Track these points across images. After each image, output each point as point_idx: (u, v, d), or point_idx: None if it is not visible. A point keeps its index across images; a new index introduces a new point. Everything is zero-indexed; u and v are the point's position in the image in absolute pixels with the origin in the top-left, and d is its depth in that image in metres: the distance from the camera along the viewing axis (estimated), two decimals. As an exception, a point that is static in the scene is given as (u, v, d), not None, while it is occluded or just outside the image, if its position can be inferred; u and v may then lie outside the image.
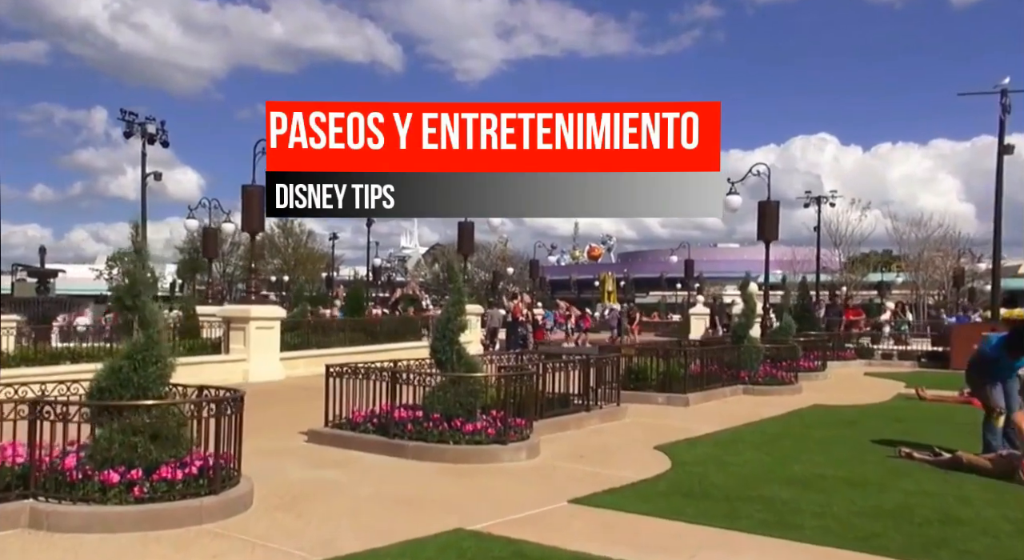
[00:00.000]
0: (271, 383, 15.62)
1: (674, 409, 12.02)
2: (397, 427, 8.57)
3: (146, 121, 22.80)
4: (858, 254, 43.71)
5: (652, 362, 12.81)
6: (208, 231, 23.64)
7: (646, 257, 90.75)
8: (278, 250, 61.77)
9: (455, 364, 8.78)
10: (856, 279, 41.97)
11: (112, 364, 6.43)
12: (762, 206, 17.97)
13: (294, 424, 10.25)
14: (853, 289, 38.03)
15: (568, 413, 10.26)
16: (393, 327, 21.25)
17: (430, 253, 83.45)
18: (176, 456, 6.26)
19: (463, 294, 8.99)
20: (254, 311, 15.97)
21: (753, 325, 14.73)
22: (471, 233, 22.69)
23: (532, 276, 39.95)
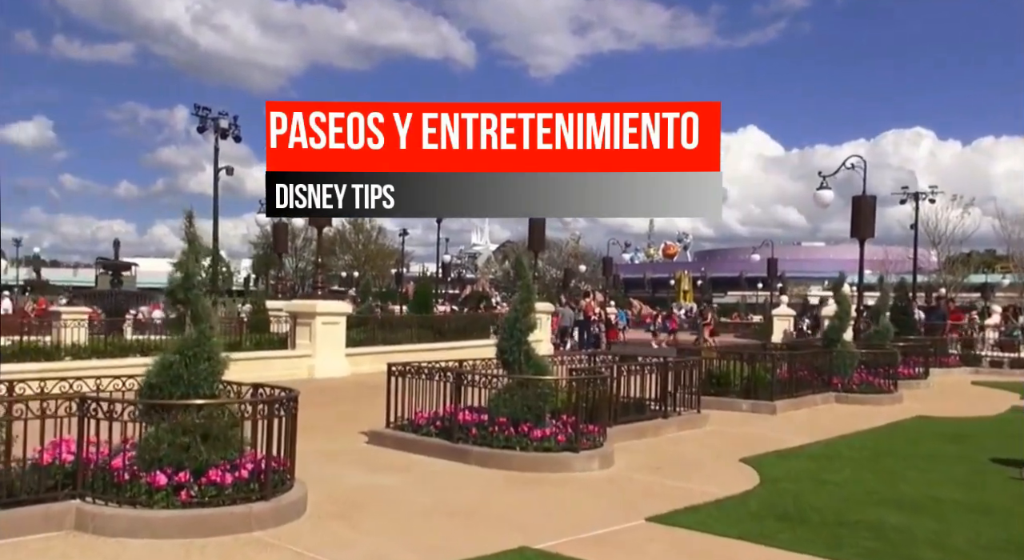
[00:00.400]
0: (336, 379, 15.38)
1: (760, 417, 11.17)
2: (461, 431, 8.07)
3: (219, 116, 23.01)
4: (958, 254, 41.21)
5: (736, 366, 11.98)
6: (278, 226, 23.72)
7: (725, 256, 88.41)
8: (349, 246, 62.48)
9: (523, 365, 8.22)
10: (956, 280, 39.57)
11: (163, 360, 6.10)
12: (856, 201, 16.81)
13: (356, 423, 9.89)
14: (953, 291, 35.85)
15: (644, 419, 9.59)
16: (461, 325, 20.85)
17: (500, 250, 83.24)
18: (227, 458, 5.88)
19: (532, 291, 8.42)
20: (320, 306, 15.76)
21: (847, 328, 13.67)
22: (542, 229, 22.06)
23: (605, 274, 39.14)
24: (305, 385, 15.36)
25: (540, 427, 7.89)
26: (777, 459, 8.25)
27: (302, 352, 15.77)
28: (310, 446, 8.72)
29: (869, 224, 16.78)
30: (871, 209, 16.97)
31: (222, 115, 23.31)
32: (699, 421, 10.23)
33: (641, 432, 9.35)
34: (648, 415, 9.72)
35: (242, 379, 14.44)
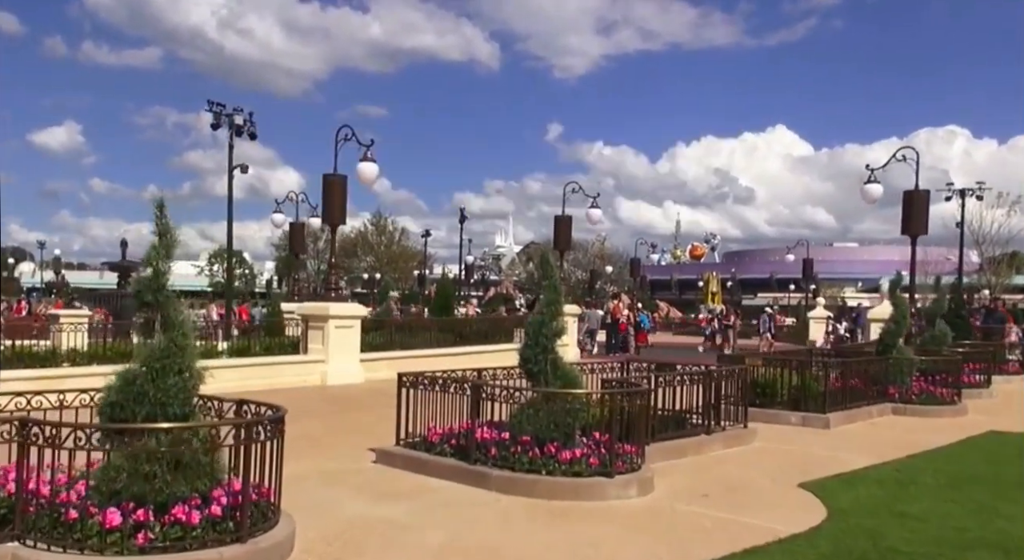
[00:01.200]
0: (349, 386, 14.48)
1: (811, 432, 10.07)
2: (479, 451, 7.09)
3: (233, 112, 22.26)
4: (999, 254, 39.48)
5: (783, 374, 10.87)
6: (294, 226, 22.92)
7: (754, 257, 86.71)
8: (371, 247, 61.82)
9: (550, 376, 7.22)
10: (1000, 282, 37.88)
11: (125, 374, 5.17)
12: (908, 196, 15.59)
13: (365, 437, 8.98)
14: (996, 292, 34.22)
15: (685, 436, 8.54)
16: (483, 328, 19.88)
17: (525, 252, 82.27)
18: (200, 489, 4.95)
19: (560, 292, 7.42)
20: (333, 309, 14.86)
21: (904, 333, 12.49)
22: (568, 228, 21.03)
23: (633, 275, 37.97)
24: (316, 393, 14.56)
25: (569, 447, 6.89)
26: (841, 485, 7.16)
27: (314, 357, 14.89)
28: (311, 465, 7.81)
29: (922, 220, 15.56)
30: (924, 204, 15.76)
31: (237, 112, 22.55)
32: (746, 437, 9.16)
33: (682, 450, 8.31)
34: (689, 430, 8.67)
35: (251, 386, 13.59)
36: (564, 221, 21.11)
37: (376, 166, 15.56)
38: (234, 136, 22.48)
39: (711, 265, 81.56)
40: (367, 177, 15.45)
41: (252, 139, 23.06)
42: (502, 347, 19.28)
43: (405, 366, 16.34)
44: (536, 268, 69.23)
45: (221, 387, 13.50)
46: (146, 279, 5.36)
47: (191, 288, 63.52)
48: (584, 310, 22.95)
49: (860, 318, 29.12)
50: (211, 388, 13.16)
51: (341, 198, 15.45)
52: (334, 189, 15.38)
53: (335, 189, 15.38)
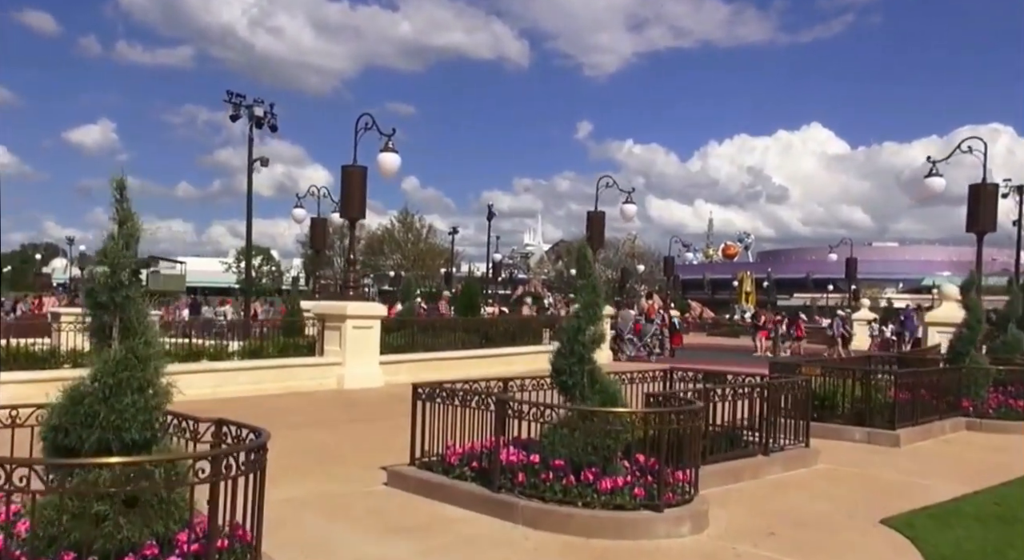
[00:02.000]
0: (367, 391, 13.57)
1: (880, 451, 8.93)
2: (504, 476, 6.10)
3: (254, 104, 21.47)
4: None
5: (843, 385, 9.74)
6: (316, 222, 22.10)
7: (789, 256, 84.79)
8: (398, 245, 61.10)
9: (587, 391, 6.21)
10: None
11: (72, 392, 4.24)
12: (975, 190, 14.31)
13: (378, 452, 8.05)
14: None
15: (740, 456, 7.47)
16: (511, 329, 18.89)
17: (554, 250, 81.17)
18: (159, 534, 4.01)
19: (599, 292, 6.40)
20: (351, 308, 13.96)
21: (978, 338, 11.25)
22: (602, 224, 19.96)
23: (667, 274, 36.73)
24: (331, 398, 13.66)
25: (609, 473, 5.87)
26: (933, 522, 6.04)
27: (331, 359, 14.01)
28: (314, 486, 6.86)
29: (990, 216, 14.28)
30: (993, 199, 14.48)
31: (257, 103, 21.76)
32: (808, 458, 8.06)
33: (737, 474, 7.24)
34: (744, 451, 7.59)
35: (264, 390, 12.70)
36: (597, 217, 20.05)
37: (398, 157, 14.63)
38: (254, 129, 21.69)
39: (744, 264, 79.78)
40: (388, 168, 14.53)
41: (273, 131, 22.30)
42: (531, 349, 18.29)
43: (427, 369, 15.47)
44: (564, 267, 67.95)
45: (233, 391, 12.73)
46: (102, 275, 4.43)
47: (219, 285, 63.33)
48: (618, 311, 21.84)
49: (908, 321, 27.69)
50: (223, 392, 12.29)
51: (361, 191, 14.55)
52: (353, 181, 14.48)
53: (354, 181, 14.48)
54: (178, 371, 12.67)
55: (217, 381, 12.56)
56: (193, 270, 63.20)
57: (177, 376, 12.59)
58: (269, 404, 12.01)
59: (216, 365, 12.90)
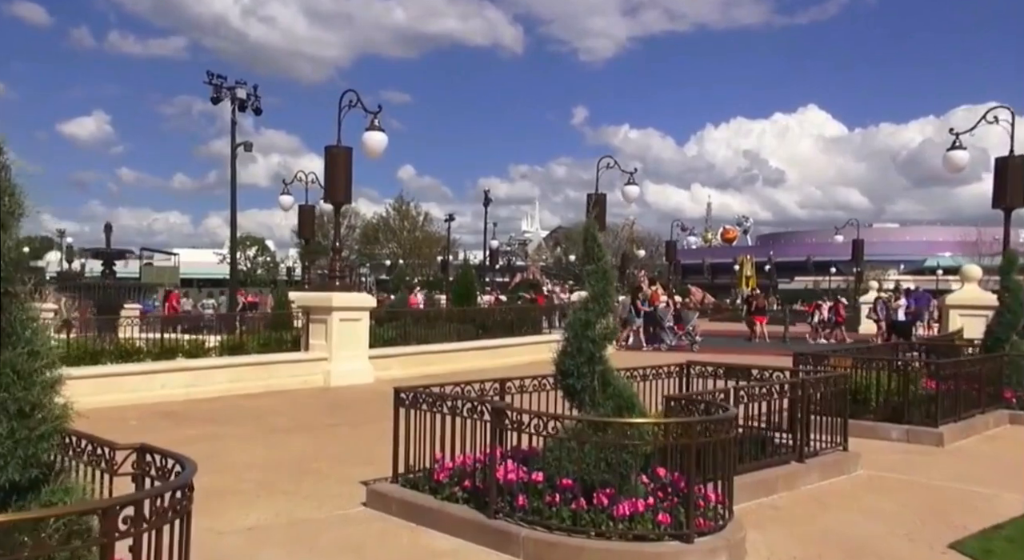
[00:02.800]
0: (355, 388, 12.62)
1: (922, 452, 7.99)
2: (502, 498, 5.15)
3: (236, 85, 20.42)
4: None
5: (878, 377, 8.78)
6: (304, 209, 21.09)
7: (790, 239, 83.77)
8: (394, 233, 60.02)
9: (598, 396, 5.25)
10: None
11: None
12: (1002, 164, 13.36)
13: (360, 463, 7.14)
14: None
15: (772, 464, 6.52)
16: (509, 319, 17.92)
17: (552, 237, 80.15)
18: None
19: (611, 280, 5.41)
20: (337, 299, 12.98)
21: (1019, 323, 10.27)
22: (603, 206, 18.95)
23: (669, 260, 35.72)
24: (315, 397, 12.61)
25: (627, 494, 4.92)
26: (1013, 547, 5.09)
27: (316, 355, 13.05)
28: (282, 509, 5.89)
29: (1019, 190, 13.30)
30: (1020, 172, 13.48)
31: (240, 84, 20.73)
32: (847, 464, 7.11)
33: (769, 485, 6.30)
34: (776, 457, 6.64)
35: (244, 389, 11.69)
36: (598, 200, 19.05)
37: (384, 136, 13.61)
38: (237, 112, 20.65)
39: (744, 248, 78.81)
40: (374, 148, 13.52)
41: (257, 114, 21.32)
42: (530, 340, 17.36)
43: (420, 363, 14.51)
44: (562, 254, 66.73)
45: (209, 391, 11.76)
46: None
47: (214, 276, 62.22)
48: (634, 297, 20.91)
49: (921, 302, 26.74)
50: (198, 392, 11.28)
51: (346, 173, 13.54)
52: (337, 163, 13.47)
53: (339, 163, 13.47)
54: (147, 370, 11.78)
55: (191, 380, 11.61)
56: (189, 261, 62.13)
57: (149, 375, 11.34)
58: (247, 405, 11.06)
59: (190, 363, 11.94)
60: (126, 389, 10.90)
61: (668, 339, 20.80)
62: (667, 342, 20.67)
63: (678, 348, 20.39)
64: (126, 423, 9.51)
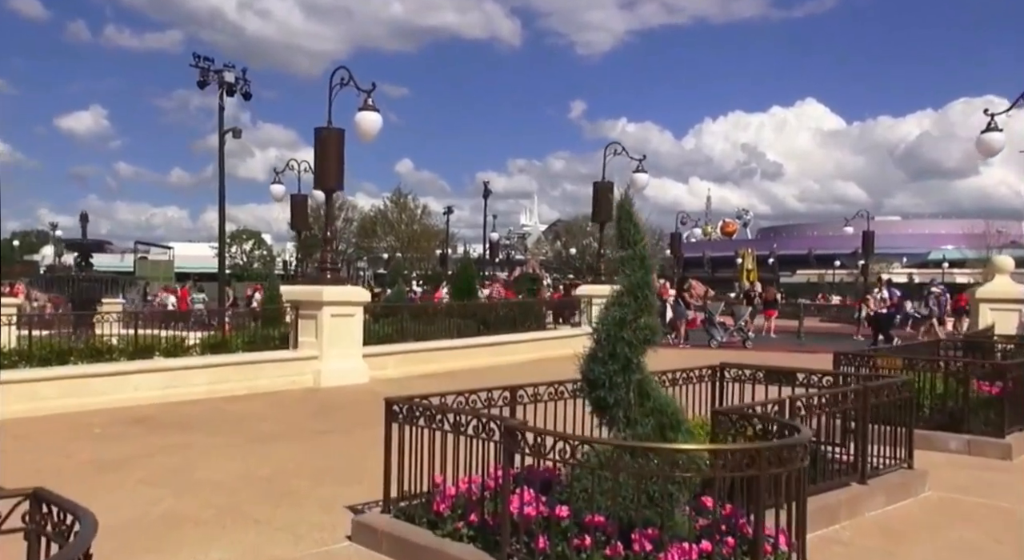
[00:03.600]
0: (348, 389, 11.65)
1: (990, 467, 7.01)
2: (516, 537, 4.18)
3: (224, 69, 19.36)
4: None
5: (932, 379, 7.80)
6: (296, 199, 20.06)
7: (791, 232, 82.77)
8: (391, 226, 58.94)
9: (635, 411, 4.28)
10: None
11: None
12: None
13: (348, 481, 6.24)
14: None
15: (831, 487, 5.54)
16: (511, 314, 16.93)
17: (551, 230, 79.13)
18: None
19: (650, 270, 4.43)
20: (327, 293, 11.98)
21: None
22: (609, 195, 17.94)
23: (674, 253, 34.74)
24: (304, 399, 11.49)
25: (671, 533, 3.94)
26: None
27: (306, 353, 12.06)
28: (251, 545, 4.91)
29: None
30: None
31: (228, 67, 19.68)
32: (914, 483, 6.14)
33: (831, 513, 5.32)
34: (833, 478, 5.66)
35: (227, 391, 10.63)
36: (605, 188, 18.02)
37: (378, 116, 12.59)
38: (225, 96, 19.61)
39: (744, 242, 77.76)
40: (367, 130, 12.49)
41: (246, 99, 20.26)
42: (534, 337, 16.40)
43: (418, 361, 13.53)
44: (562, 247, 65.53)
45: (188, 393, 10.76)
46: None
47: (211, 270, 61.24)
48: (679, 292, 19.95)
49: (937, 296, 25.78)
50: (175, 394, 10.23)
51: (337, 156, 12.52)
52: (328, 145, 12.44)
53: (329, 145, 12.44)
54: (118, 371, 10.79)
55: (168, 381, 10.63)
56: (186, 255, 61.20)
57: (120, 377, 10.07)
58: (228, 409, 10.08)
59: (167, 363, 10.95)
60: (95, 392, 9.92)
61: (718, 335, 19.59)
62: (717, 338, 19.47)
63: (729, 345, 19.33)
64: (89, 431, 8.55)
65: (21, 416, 8.98)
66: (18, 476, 6.72)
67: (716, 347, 18.79)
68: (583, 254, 59.94)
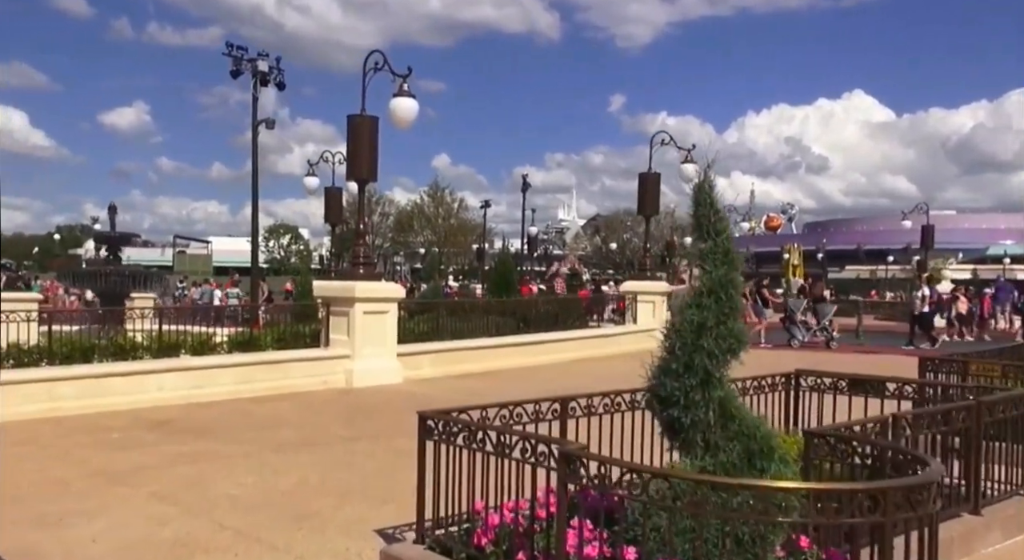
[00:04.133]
0: (380, 390, 11.04)
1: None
2: (574, 584, 3.44)
3: (257, 58, 18.89)
4: None
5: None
6: (330, 192, 19.54)
7: (839, 226, 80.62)
8: (428, 221, 58.51)
9: (715, 434, 3.52)
10: None
11: None
12: None
13: (378, 495, 5.70)
14: None
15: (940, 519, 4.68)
16: (552, 310, 16.19)
17: (590, 224, 78.14)
18: None
19: (735, 264, 3.66)
20: (360, 289, 11.36)
21: None
22: (657, 186, 17.11)
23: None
24: (334, 401, 10.64)
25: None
26: None
27: (337, 352, 11.47)
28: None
29: None
30: None
31: (261, 56, 19.20)
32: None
33: (944, 551, 4.45)
34: (947, 510, 4.80)
35: (254, 392, 10.00)
36: (651, 179, 17.20)
37: (415, 102, 11.93)
38: (258, 86, 19.13)
39: (789, 237, 75.92)
40: (403, 117, 11.84)
41: (280, 89, 19.79)
42: (576, 334, 15.67)
43: (454, 361, 12.86)
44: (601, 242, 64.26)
45: (214, 393, 10.21)
46: None
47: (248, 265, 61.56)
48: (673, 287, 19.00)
49: (1002, 292, 24.49)
50: (202, 395, 9.66)
51: (371, 145, 11.89)
52: (361, 133, 11.82)
53: (362, 133, 11.81)
54: (141, 370, 10.30)
55: (193, 381, 10.11)
56: (224, 249, 61.69)
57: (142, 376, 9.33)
58: (254, 411, 9.51)
59: (192, 362, 10.42)
60: (116, 392, 9.43)
61: (799, 335, 18.55)
62: (798, 338, 18.43)
63: (811, 345, 18.30)
64: (106, 435, 8.02)
65: (38, 417, 8.51)
66: (21, 489, 6.22)
67: (798, 347, 17.77)
68: (623, 249, 58.95)
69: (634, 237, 59.44)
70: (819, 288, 26.21)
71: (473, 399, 4.78)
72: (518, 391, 11.75)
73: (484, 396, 4.64)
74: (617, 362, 15.30)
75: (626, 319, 17.23)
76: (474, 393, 11.49)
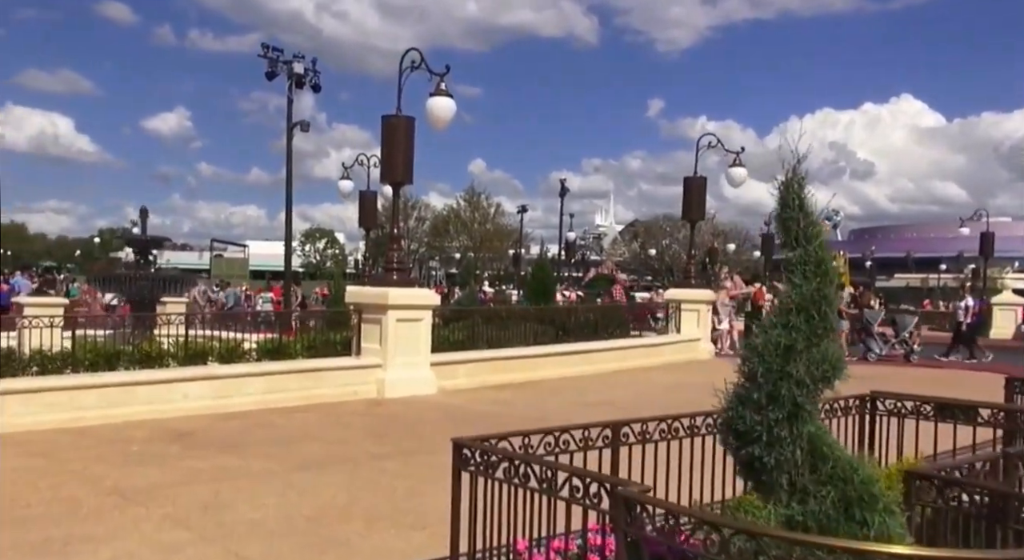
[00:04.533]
0: (414, 402, 10.55)
1: None
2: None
3: (293, 60, 18.66)
4: None
5: None
6: (365, 196, 19.21)
7: (887, 233, 78.55)
8: (464, 225, 58.21)
9: (804, 477, 2.94)
10: None
11: None
12: None
13: (408, 520, 5.28)
14: None
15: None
16: (592, 318, 15.61)
17: (628, 230, 77.26)
18: None
19: (831, 278, 3.08)
20: (393, 296, 10.91)
21: None
22: (703, 191, 16.45)
23: (766, 255, 32.80)
24: (363, 413, 9.61)
25: None
26: None
27: (369, 361, 11.03)
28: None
29: None
30: None
31: (297, 58, 18.98)
32: None
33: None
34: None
35: (282, 401, 9.50)
36: (697, 183, 16.53)
37: (452, 102, 11.47)
38: (294, 88, 18.91)
39: (835, 244, 74.20)
40: (440, 116, 11.39)
41: (316, 91, 19.52)
42: (618, 344, 15.06)
43: (491, 371, 12.34)
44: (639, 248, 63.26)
45: (241, 403, 9.81)
46: None
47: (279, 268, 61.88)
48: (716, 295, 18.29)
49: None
50: (228, 405, 9.26)
51: (406, 146, 11.44)
52: (396, 134, 11.38)
53: (398, 134, 11.37)
54: (165, 378, 9.95)
55: (220, 390, 9.73)
56: (261, 253, 62.07)
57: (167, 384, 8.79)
58: (280, 423, 9.08)
59: (218, 370, 10.04)
60: (140, 401, 9.07)
61: (876, 348, 17.64)
62: (875, 351, 17.55)
63: (889, 358, 17.44)
64: (125, 447, 7.64)
65: (58, 427, 8.19)
66: (31, 508, 5.84)
67: (874, 361, 16.95)
68: (663, 255, 57.98)
69: (673, 243, 58.44)
70: (867, 298, 25.26)
71: (511, 412, 4.29)
72: (557, 404, 11.27)
73: (522, 410, 4.19)
74: (659, 373, 14.71)
75: (669, 328, 16.58)
76: (512, 406, 10.98)
